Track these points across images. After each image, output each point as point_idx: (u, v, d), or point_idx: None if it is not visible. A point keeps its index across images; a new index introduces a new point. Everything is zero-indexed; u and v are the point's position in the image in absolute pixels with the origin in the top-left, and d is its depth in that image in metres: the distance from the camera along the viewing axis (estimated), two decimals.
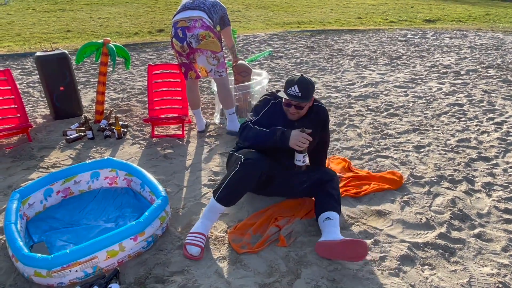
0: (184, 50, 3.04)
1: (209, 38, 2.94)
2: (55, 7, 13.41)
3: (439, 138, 3.33)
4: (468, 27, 9.83)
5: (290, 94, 2.11)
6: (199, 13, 2.95)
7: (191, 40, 2.95)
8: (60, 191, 2.40)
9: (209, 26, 2.95)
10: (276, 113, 2.24)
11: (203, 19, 2.93)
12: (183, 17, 2.95)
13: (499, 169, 2.83)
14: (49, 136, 3.41)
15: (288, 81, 2.15)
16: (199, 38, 2.94)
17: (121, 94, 4.53)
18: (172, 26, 3.02)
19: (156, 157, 3.03)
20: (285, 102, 2.18)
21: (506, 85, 4.84)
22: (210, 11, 3.02)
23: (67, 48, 6.64)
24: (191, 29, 2.92)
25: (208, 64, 3.10)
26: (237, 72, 3.51)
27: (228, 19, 3.23)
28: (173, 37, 3.02)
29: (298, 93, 2.09)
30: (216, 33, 3.01)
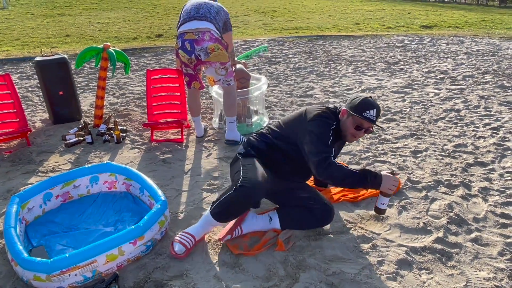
0: (191, 62, 3.03)
1: (217, 51, 2.93)
2: (54, 12, 13.45)
3: (436, 143, 3.36)
4: (465, 33, 9.92)
5: (369, 118, 2.00)
6: (207, 25, 2.91)
7: (199, 54, 2.94)
8: (60, 195, 2.41)
9: (217, 38, 2.93)
10: (336, 141, 2.12)
11: (211, 31, 2.90)
12: (190, 29, 2.90)
13: (495, 174, 2.85)
14: (48, 140, 3.42)
15: (364, 103, 2.02)
16: (208, 51, 2.92)
17: (120, 99, 4.55)
18: (178, 37, 2.97)
19: (155, 161, 3.05)
20: (357, 125, 2.04)
21: (502, 91, 4.89)
22: (217, 20, 2.99)
23: (66, 53, 6.67)
24: (200, 42, 2.90)
25: (216, 75, 3.11)
26: (237, 78, 3.53)
27: (230, 24, 3.21)
28: (179, 48, 2.98)
29: (374, 117, 2.02)
30: (224, 44, 3.00)
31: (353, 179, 1.97)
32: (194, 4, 3.06)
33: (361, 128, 2.05)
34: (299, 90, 4.94)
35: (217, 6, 3.09)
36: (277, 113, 4.10)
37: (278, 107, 4.30)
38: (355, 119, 2.04)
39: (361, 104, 2.01)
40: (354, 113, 2.02)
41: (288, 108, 4.25)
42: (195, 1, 3.11)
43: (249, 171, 2.01)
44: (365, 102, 2.02)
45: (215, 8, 3.05)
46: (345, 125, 2.09)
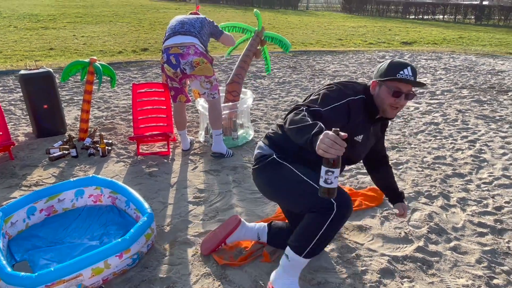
0: (176, 76, 3.09)
1: (202, 64, 3.00)
2: (38, 25, 13.36)
3: (417, 156, 3.47)
4: (443, 49, 10.28)
5: (403, 78, 1.66)
6: (192, 39, 2.99)
7: (185, 67, 3.00)
8: (44, 209, 2.39)
9: (202, 52, 3.00)
10: (353, 115, 1.72)
11: (196, 45, 2.97)
12: (175, 43, 2.98)
13: (472, 185, 2.96)
14: (31, 154, 3.38)
15: (394, 64, 1.71)
16: (193, 65, 2.99)
17: (106, 112, 4.54)
18: (163, 52, 3.04)
19: (141, 175, 3.05)
20: (396, 91, 1.68)
21: (479, 105, 5.08)
22: (201, 35, 3.06)
23: (50, 66, 6.62)
24: (185, 56, 2.96)
25: (201, 88, 3.17)
26: (229, 91, 3.60)
27: (219, 29, 3.25)
28: (165, 62, 3.04)
29: (411, 76, 1.67)
30: (209, 58, 3.07)
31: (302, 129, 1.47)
32: (179, 20, 3.14)
33: (400, 94, 1.69)
34: (284, 104, 5.02)
35: (201, 20, 3.16)
36: (262, 126, 4.16)
37: (263, 120, 4.36)
38: (389, 85, 1.70)
39: (391, 67, 1.71)
40: (386, 78, 1.69)
41: (273, 122, 4.31)
42: (180, 17, 3.20)
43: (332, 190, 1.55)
44: (395, 63, 1.72)
45: (199, 22, 3.13)
46: (379, 98, 1.74)
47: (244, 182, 2.95)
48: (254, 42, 3.78)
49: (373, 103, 1.77)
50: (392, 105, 1.72)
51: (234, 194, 2.77)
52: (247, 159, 3.35)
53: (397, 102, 1.71)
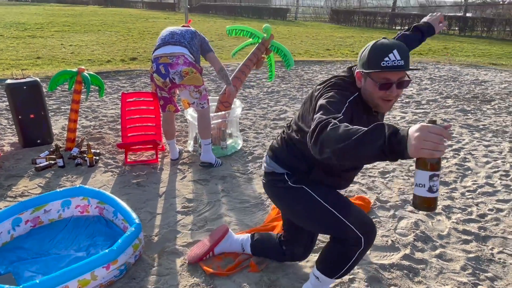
0: (166, 85, 3.10)
1: (192, 74, 3.01)
2: (25, 34, 13.25)
3: (403, 164, 3.52)
4: (428, 59, 10.50)
5: (390, 66, 1.40)
6: (181, 49, 3.01)
7: (174, 77, 3.02)
8: (29, 220, 2.36)
9: (191, 62, 3.02)
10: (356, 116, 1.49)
11: (185, 55, 2.99)
12: (164, 53, 2.99)
13: (457, 193, 3.02)
14: (17, 164, 3.34)
15: (376, 50, 1.44)
16: (182, 74, 3.00)
17: (93, 122, 4.51)
18: (153, 61, 3.05)
19: (129, 184, 3.03)
20: (383, 83, 1.43)
21: (463, 114, 5.19)
22: (191, 45, 3.09)
23: (37, 75, 6.56)
24: (174, 65, 2.98)
25: (190, 98, 3.18)
26: (221, 101, 3.61)
27: (209, 46, 3.27)
28: (154, 72, 3.05)
29: (400, 60, 1.40)
30: (198, 68, 3.09)
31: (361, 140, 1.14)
32: (169, 31, 3.17)
33: (389, 84, 1.43)
34: (273, 113, 5.06)
35: (192, 31, 3.20)
36: (251, 135, 4.18)
37: (252, 130, 4.39)
38: (373, 76, 1.45)
39: (373, 54, 1.44)
40: (370, 70, 1.44)
41: (262, 131, 4.34)
42: (171, 28, 3.23)
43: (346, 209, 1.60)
44: (377, 47, 1.44)
45: (189, 34, 3.16)
46: (367, 92, 1.49)
47: (233, 192, 2.95)
48: (259, 50, 3.71)
49: (363, 99, 1.53)
50: (383, 98, 1.47)
51: (223, 204, 2.78)
52: (236, 169, 3.36)
53: (387, 94, 1.45)
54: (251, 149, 3.80)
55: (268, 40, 3.76)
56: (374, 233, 1.59)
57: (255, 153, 3.69)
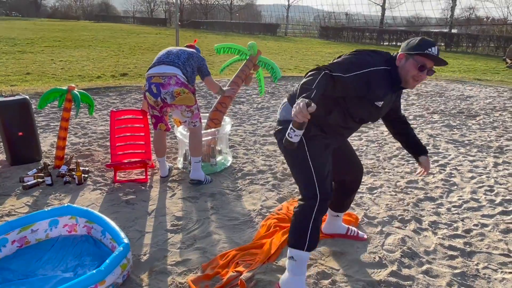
0: (157, 105, 3.13)
1: (183, 94, 3.05)
2: (14, 49, 13.22)
3: (390, 180, 3.58)
4: None
5: (431, 55, 1.83)
6: (174, 70, 3.04)
7: (165, 97, 3.05)
8: (16, 241, 2.33)
9: (183, 82, 3.05)
10: (373, 84, 1.87)
11: (177, 76, 3.02)
12: (157, 72, 3.03)
13: (443, 208, 3.07)
14: (4, 182, 3.31)
15: (425, 41, 1.87)
16: (174, 95, 3.03)
17: (82, 139, 4.50)
18: (146, 80, 3.10)
19: (118, 203, 3.03)
20: (422, 65, 1.86)
21: (449, 130, 5.30)
22: (185, 66, 3.11)
23: (26, 91, 6.55)
24: (166, 86, 3.01)
25: (182, 117, 3.22)
26: (211, 118, 3.65)
27: (207, 70, 3.31)
28: (146, 90, 3.09)
29: (437, 55, 1.85)
30: (191, 88, 3.12)
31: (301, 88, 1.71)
32: (166, 51, 3.24)
33: (425, 68, 1.86)
34: (263, 129, 5.11)
35: (190, 52, 3.23)
36: (241, 152, 4.21)
37: (242, 146, 4.42)
38: (417, 58, 1.86)
39: (422, 43, 1.86)
40: (416, 52, 1.85)
41: (252, 148, 4.37)
42: (170, 48, 3.31)
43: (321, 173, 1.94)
44: (426, 40, 1.88)
45: (186, 54, 3.19)
46: (404, 69, 1.90)
47: (222, 209, 2.96)
48: (246, 67, 3.79)
49: (397, 73, 1.93)
50: (415, 77, 1.89)
51: (212, 221, 2.78)
52: (226, 186, 3.37)
53: (420, 75, 1.88)
54: (241, 165, 3.83)
55: (255, 56, 3.85)
56: (328, 202, 1.95)
57: (244, 170, 3.72)
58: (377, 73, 1.88)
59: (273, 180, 3.50)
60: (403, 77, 1.92)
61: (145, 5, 58.66)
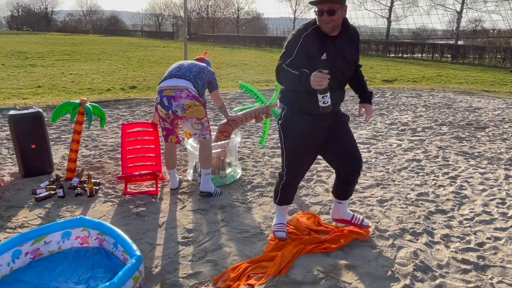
0: (168, 117, 3.19)
1: (194, 107, 3.10)
2: (26, 63, 13.48)
3: (400, 192, 3.56)
4: (422, 87, 10.72)
5: (317, 1, 2.15)
6: (185, 83, 3.10)
7: (176, 109, 3.11)
8: (29, 252, 2.35)
9: (194, 95, 3.11)
10: (310, 44, 2.24)
11: (188, 89, 3.09)
12: (169, 86, 3.10)
13: (455, 221, 3.04)
14: (17, 194, 3.35)
15: None
16: (185, 107, 3.09)
17: (93, 151, 4.56)
18: (158, 93, 3.16)
19: (129, 214, 3.04)
20: (319, 10, 2.17)
21: (458, 142, 5.28)
22: (196, 79, 3.18)
23: (37, 104, 6.66)
24: (177, 98, 3.07)
25: (192, 129, 3.26)
26: (221, 131, 3.69)
27: (216, 84, 3.40)
28: (158, 103, 3.16)
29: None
30: (201, 101, 3.18)
31: (295, 82, 2.19)
32: (178, 64, 3.32)
33: (322, 12, 2.17)
34: (271, 141, 5.13)
35: (201, 67, 3.30)
36: (250, 164, 4.23)
37: (250, 158, 4.43)
38: (316, 10, 2.20)
39: None
40: (311, 5, 2.23)
41: (261, 160, 4.39)
42: (181, 61, 3.37)
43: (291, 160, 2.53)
44: None
45: (197, 68, 3.26)
46: (318, 21, 2.24)
47: (232, 221, 2.97)
48: (261, 111, 4.05)
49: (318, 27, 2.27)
50: (324, 22, 2.20)
51: (223, 234, 2.79)
52: (235, 198, 3.38)
53: (322, 19, 2.19)
54: (250, 178, 3.84)
55: (271, 106, 4.13)
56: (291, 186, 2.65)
57: (254, 182, 3.72)
58: (308, 34, 2.26)
59: None
60: (321, 27, 2.24)
61: (153, 19, 59.66)
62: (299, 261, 2.44)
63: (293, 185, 2.63)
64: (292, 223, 2.89)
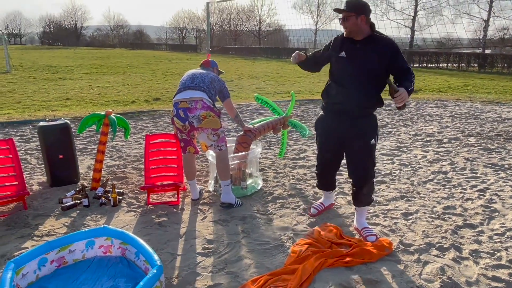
0: (185, 129, 3.23)
1: (209, 118, 3.14)
2: (56, 76, 14.02)
3: (426, 205, 3.45)
4: (448, 97, 10.46)
5: (336, 9, 2.63)
6: (200, 94, 3.15)
7: (192, 120, 3.14)
8: (55, 260, 2.41)
9: (209, 106, 3.15)
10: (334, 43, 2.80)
11: (203, 100, 3.13)
12: (184, 98, 3.15)
13: (484, 236, 2.92)
14: (44, 203, 3.45)
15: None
16: (201, 118, 3.13)
17: (118, 161, 4.65)
18: (174, 106, 3.21)
19: (150, 224, 3.08)
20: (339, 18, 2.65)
21: (487, 153, 5.10)
22: (210, 89, 3.22)
23: (66, 116, 6.88)
24: (193, 110, 3.11)
25: (208, 140, 3.28)
26: (240, 142, 3.70)
27: (227, 92, 3.43)
28: (174, 116, 3.21)
29: (340, 7, 2.61)
30: (216, 112, 3.20)
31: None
32: (189, 75, 3.33)
33: (340, 19, 2.65)
34: (292, 152, 5.10)
35: (212, 76, 3.34)
36: (270, 175, 4.21)
37: (271, 169, 4.42)
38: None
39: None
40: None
41: (282, 171, 4.37)
42: (192, 71, 3.39)
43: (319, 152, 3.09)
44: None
45: (209, 78, 3.30)
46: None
47: (253, 233, 2.95)
48: (278, 122, 4.09)
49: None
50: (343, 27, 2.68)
51: (243, 245, 2.77)
52: (256, 209, 3.37)
53: (341, 24, 2.66)
54: (271, 189, 3.82)
55: (287, 117, 4.19)
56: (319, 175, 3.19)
57: (275, 193, 3.70)
58: (336, 37, 2.80)
59: (304, 204, 3.46)
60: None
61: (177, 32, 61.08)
62: (321, 275, 2.39)
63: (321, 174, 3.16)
64: (314, 236, 2.85)
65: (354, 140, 2.76)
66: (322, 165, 3.10)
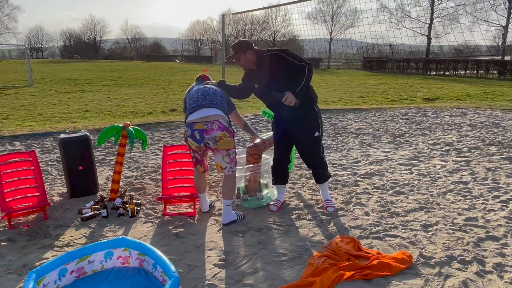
0: (200, 150, 3.18)
1: (225, 138, 3.06)
2: (75, 89, 14.38)
3: (446, 217, 3.38)
4: (467, 105, 10.27)
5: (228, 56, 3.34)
6: (215, 111, 3.06)
7: (208, 142, 3.06)
8: (74, 271, 2.44)
9: (225, 126, 3.06)
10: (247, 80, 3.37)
11: (219, 119, 3.04)
12: (199, 118, 3.04)
13: (508, 249, 2.83)
14: (65, 214, 3.52)
15: None
16: (217, 139, 3.05)
17: (135, 172, 4.72)
18: (188, 126, 3.11)
19: (168, 235, 3.10)
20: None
21: (509, 163, 4.96)
22: (223, 104, 3.16)
23: (85, 128, 7.04)
24: (209, 131, 3.03)
25: (223, 162, 3.19)
26: (250, 153, 3.71)
27: (233, 103, 3.44)
28: (189, 136, 3.12)
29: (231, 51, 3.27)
30: (231, 131, 3.13)
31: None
32: (200, 91, 3.20)
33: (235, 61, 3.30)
34: None
35: (220, 91, 3.28)
36: (286, 186, 4.19)
37: None
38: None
39: None
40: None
41: (297, 181, 4.35)
42: (201, 88, 3.25)
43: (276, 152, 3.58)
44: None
45: (220, 92, 3.24)
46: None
47: (269, 244, 2.94)
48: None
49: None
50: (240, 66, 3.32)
51: (260, 257, 2.76)
52: (272, 220, 3.35)
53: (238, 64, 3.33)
54: (287, 200, 3.80)
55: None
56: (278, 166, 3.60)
57: (291, 204, 3.68)
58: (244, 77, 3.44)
59: (320, 215, 3.43)
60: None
61: (193, 44, 62.03)
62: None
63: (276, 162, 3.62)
64: (331, 248, 2.82)
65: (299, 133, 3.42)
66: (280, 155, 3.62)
